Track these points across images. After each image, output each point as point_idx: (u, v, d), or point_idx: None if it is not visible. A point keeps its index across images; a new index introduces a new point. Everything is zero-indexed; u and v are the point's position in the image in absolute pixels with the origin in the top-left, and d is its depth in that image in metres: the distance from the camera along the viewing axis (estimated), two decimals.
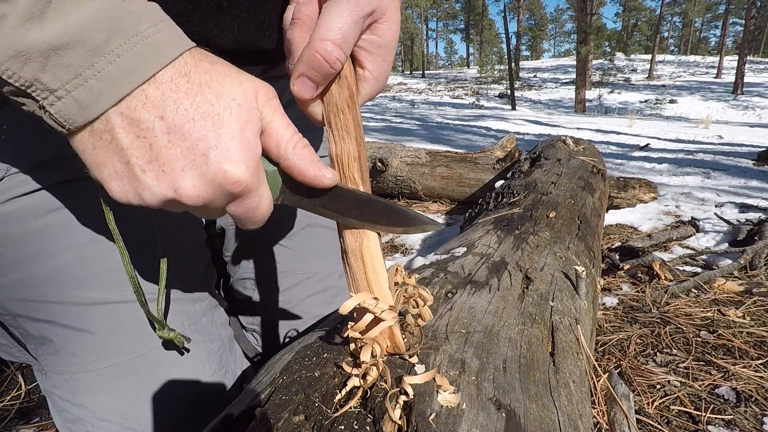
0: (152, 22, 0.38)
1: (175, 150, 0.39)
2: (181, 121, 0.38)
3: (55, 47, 0.34)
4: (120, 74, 0.36)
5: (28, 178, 0.55)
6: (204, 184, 0.40)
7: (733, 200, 3.01)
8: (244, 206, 0.44)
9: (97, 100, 0.36)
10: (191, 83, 0.39)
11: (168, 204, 0.42)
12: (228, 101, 0.40)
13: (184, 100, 0.39)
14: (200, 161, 0.39)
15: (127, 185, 0.40)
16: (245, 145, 0.41)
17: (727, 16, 32.11)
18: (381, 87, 0.54)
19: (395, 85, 29.10)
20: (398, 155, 3.06)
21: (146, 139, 0.38)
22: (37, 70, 0.35)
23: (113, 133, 0.38)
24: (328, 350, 0.52)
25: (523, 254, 0.99)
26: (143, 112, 0.38)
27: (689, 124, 10.30)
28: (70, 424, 0.63)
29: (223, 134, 0.40)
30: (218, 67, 0.42)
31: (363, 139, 0.52)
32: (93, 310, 0.59)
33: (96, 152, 0.39)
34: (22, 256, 0.55)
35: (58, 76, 0.35)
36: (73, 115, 0.37)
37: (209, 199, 0.41)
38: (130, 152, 0.38)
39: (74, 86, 0.36)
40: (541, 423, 0.49)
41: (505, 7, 19.61)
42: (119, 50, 0.36)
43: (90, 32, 0.35)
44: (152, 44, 0.38)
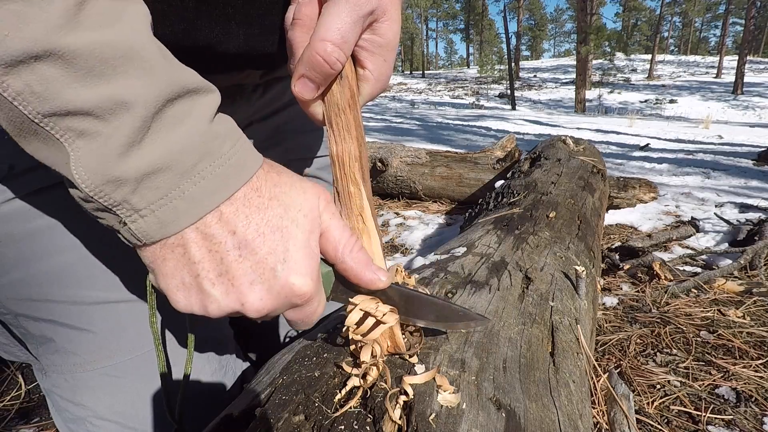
0: (233, 141, 0.40)
1: (245, 264, 0.39)
2: (253, 236, 0.39)
3: (149, 173, 0.35)
4: (203, 195, 0.38)
5: (31, 178, 0.55)
6: (271, 297, 0.41)
7: (733, 200, 3.01)
8: (303, 312, 0.45)
9: (178, 219, 0.37)
10: (262, 197, 0.40)
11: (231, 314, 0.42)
12: (295, 212, 0.42)
13: (255, 215, 0.40)
14: (269, 275, 0.40)
15: (193, 297, 0.41)
16: (310, 255, 0.42)
17: (727, 16, 32.10)
18: (382, 87, 0.54)
19: (395, 85, 29.09)
20: (398, 155, 3.06)
21: (218, 254, 0.39)
22: (128, 193, 0.35)
23: (186, 247, 0.39)
24: (328, 350, 0.53)
25: (523, 254, 0.99)
26: (217, 228, 0.39)
27: (689, 124, 10.30)
28: (71, 423, 0.63)
29: (290, 247, 0.41)
30: (284, 177, 0.43)
31: (364, 139, 0.52)
32: (94, 310, 0.59)
33: (165, 264, 0.40)
34: (23, 255, 0.55)
35: (146, 197, 0.36)
36: (152, 232, 0.37)
37: (273, 310, 0.42)
38: (201, 266, 0.39)
39: (159, 206, 0.37)
40: (541, 423, 0.49)
41: (505, 7, 19.61)
42: (204, 172, 0.38)
43: (182, 156, 0.36)
44: (234, 165, 0.39)
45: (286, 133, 0.83)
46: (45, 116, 0.33)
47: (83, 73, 0.32)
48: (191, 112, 0.37)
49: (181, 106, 0.37)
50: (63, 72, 0.32)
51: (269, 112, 0.80)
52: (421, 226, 2.60)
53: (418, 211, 2.91)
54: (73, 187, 0.36)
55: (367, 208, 0.51)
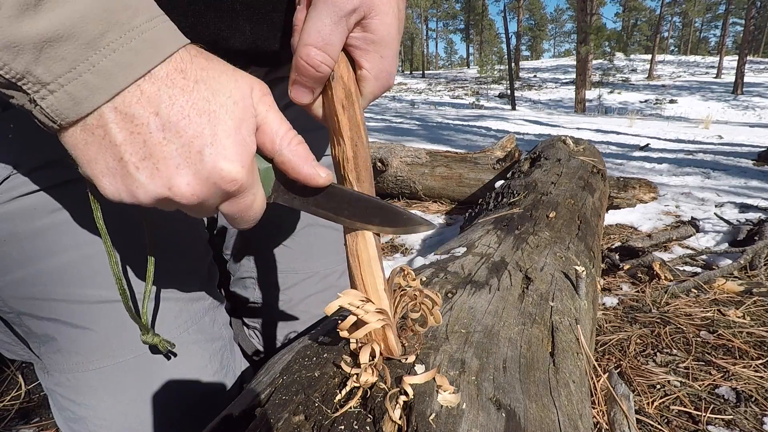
0: (148, 16, 0.37)
1: (170, 147, 0.38)
2: (177, 117, 0.38)
3: (49, 39, 0.33)
4: (115, 69, 0.36)
5: (34, 177, 0.55)
6: (199, 182, 0.39)
7: (733, 200, 3.01)
8: (238, 205, 0.43)
9: (92, 95, 0.35)
10: (187, 79, 0.38)
11: (161, 203, 0.41)
12: (224, 98, 0.40)
13: (179, 97, 0.38)
14: (195, 159, 0.38)
15: (119, 183, 0.39)
16: (241, 142, 0.40)
17: (727, 16, 32.10)
18: (384, 84, 0.53)
19: (395, 85, 29.08)
20: (398, 155, 3.06)
21: (140, 135, 0.37)
22: (30, 63, 0.33)
23: (107, 128, 0.37)
24: (328, 350, 0.53)
25: (523, 254, 0.99)
26: (138, 108, 0.37)
27: (689, 124, 10.30)
28: (72, 423, 0.63)
29: (219, 132, 0.39)
30: (214, 64, 0.41)
31: (361, 139, 0.51)
32: (96, 309, 0.59)
33: (88, 148, 0.38)
34: (26, 254, 0.56)
35: (51, 69, 0.34)
36: (65, 110, 0.36)
37: (204, 198, 0.40)
38: (124, 149, 0.37)
39: (68, 80, 0.35)
40: (541, 423, 0.49)
41: (505, 7, 19.60)
42: (115, 44, 0.35)
43: (85, 24, 0.34)
44: (148, 39, 0.37)
45: None
46: None
47: None
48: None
49: None
50: None
51: None
52: None
53: (418, 211, 2.91)
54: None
55: None
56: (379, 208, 0.48)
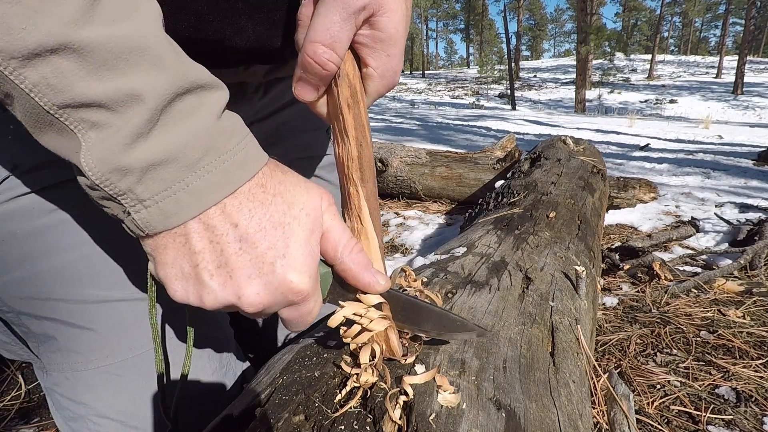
0: (240, 138, 0.40)
1: (244, 258, 0.40)
2: (254, 230, 0.40)
3: (154, 164, 0.36)
4: (207, 188, 0.38)
5: (33, 177, 0.55)
6: (267, 292, 0.41)
7: (733, 200, 3.01)
8: (299, 311, 0.45)
9: (181, 211, 0.38)
10: (266, 193, 0.41)
11: (227, 308, 0.42)
12: (298, 211, 0.42)
13: (258, 210, 0.40)
14: (267, 270, 0.40)
15: (190, 287, 0.41)
16: (310, 253, 0.42)
17: (727, 16, 32.10)
18: (389, 83, 0.53)
19: None
20: (398, 155, 3.06)
21: (219, 245, 0.39)
22: (134, 183, 0.36)
23: (188, 237, 0.39)
24: (328, 350, 0.53)
25: (523, 254, 0.99)
26: (219, 220, 0.39)
27: (689, 124, 10.30)
28: (71, 422, 0.63)
29: (291, 244, 0.41)
30: (290, 177, 0.43)
31: (366, 139, 0.51)
32: (96, 308, 0.59)
33: (166, 252, 0.40)
34: (25, 253, 0.56)
35: (150, 188, 0.36)
36: (155, 223, 0.38)
37: (269, 306, 0.42)
38: (202, 256, 0.39)
39: (162, 198, 0.37)
40: (541, 423, 0.49)
41: (505, 7, 19.60)
42: (210, 166, 0.38)
43: (188, 150, 0.37)
44: (239, 160, 0.39)
45: (286, 132, 0.83)
46: (60, 108, 0.33)
47: (96, 66, 0.33)
48: (199, 107, 0.38)
49: (190, 101, 0.37)
50: (77, 65, 0.33)
51: (270, 112, 0.80)
52: (421, 226, 2.60)
53: (418, 211, 2.91)
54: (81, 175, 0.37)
55: (365, 209, 0.51)
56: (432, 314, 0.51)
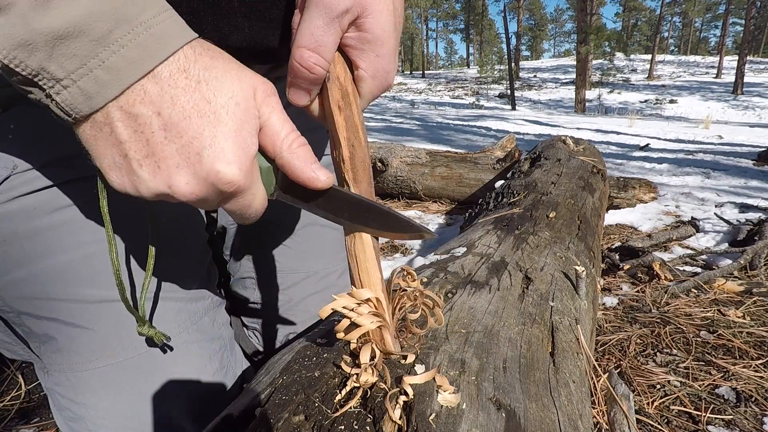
0: (156, 11, 0.38)
1: (170, 147, 0.39)
2: (178, 118, 0.38)
3: (60, 36, 0.34)
4: (123, 65, 0.36)
5: (34, 177, 0.55)
6: (197, 182, 0.40)
7: (733, 200, 3.01)
8: (238, 204, 0.44)
9: (102, 90, 0.37)
10: (189, 79, 0.39)
11: (163, 198, 0.42)
12: (226, 99, 0.40)
13: (181, 97, 0.38)
14: (194, 160, 0.39)
15: (124, 177, 0.41)
16: (240, 144, 0.41)
17: (727, 16, 32.10)
18: (382, 84, 0.53)
19: (395, 85, 29.09)
20: (398, 155, 3.06)
21: (143, 134, 0.39)
22: (44, 60, 0.35)
23: (113, 126, 0.38)
24: (328, 350, 0.53)
25: (523, 254, 0.99)
26: (141, 107, 0.38)
27: (689, 124, 10.30)
28: (72, 422, 0.63)
29: (218, 133, 0.40)
30: (218, 62, 0.41)
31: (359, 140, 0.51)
32: (96, 308, 0.59)
33: (97, 143, 0.40)
34: (26, 253, 0.56)
35: (64, 65, 0.35)
36: (78, 104, 0.37)
37: (202, 197, 0.42)
38: (128, 146, 0.39)
39: (79, 76, 0.36)
40: (541, 423, 0.49)
41: (505, 7, 19.61)
42: (123, 40, 0.36)
43: (95, 21, 0.35)
44: (154, 35, 0.37)
45: None
46: None
47: None
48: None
49: None
50: None
51: None
52: None
53: (418, 211, 2.91)
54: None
55: None
56: (379, 212, 0.48)
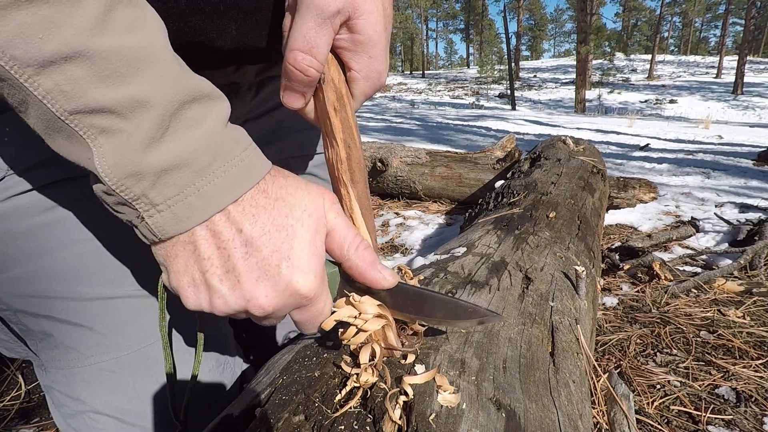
0: (245, 146, 0.42)
1: (250, 261, 0.41)
2: (258, 233, 0.41)
3: (167, 168, 0.37)
4: (216, 192, 0.39)
5: (28, 177, 0.55)
6: (276, 294, 0.42)
7: (733, 200, 3.01)
8: (309, 313, 0.45)
9: (192, 215, 0.39)
10: (268, 198, 0.42)
11: (237, 313, 0.43)
12: (300, 213, 0.43)
13: (261, 215, 0.41)
14: (273, 272, 0.41)
15: (201, 294, 0.42)
16: (315, 253, 0.43)
17: (727, 16, 32.11)
18: (375, 85, 0.54)
19: (395, 85, 29.10)
20: (398, 155, 3.06)
21: (226, 251, 0.41)
22: (147, 188, 0.37)
23: (196, 244, 0.41)
24: (328, 350, 0.53)
25: (523, 254, 0.99)
26: (225, 226, 0.41)
27: (689, 124, 10.30)
28: (69, 419, 0.63)
29: (295, 245, 0.42)
30: (290, 180, 0.45)
31: (355, 141, 0.52)
32: (92, 306, 0.59)
33: (177, 260, 0.42)
34: (22, 252, 0.56)
35: (163, 192, 0.38)
36: (168, 227, 0.39)
37: (279, 308, 0.43)
38: (210, 262, 0.41)
39: (175, 202, 0.39)
40: (541, 423, 0.49)
41: (505, 7, 19.61)
42: (219, 171, 0.39)
43: (199, 155, 0.39)
44: (245, 166, 0.41)
45: (280, 131, 0.84)
46: (71, 114, 0.35)
47: (107, 74, 0.35)
48: (207, 115, 0.40)
49: (197, 109, 0.39)
50: (89, 72, 0.34)
51: (263, 111, 0.81)
52: (421, 226, 2.60)
53: (418, 211, 2.91)
54: (97, 182, 0.38)
55: (357, 209, 0.51)
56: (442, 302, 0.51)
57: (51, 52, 0.32)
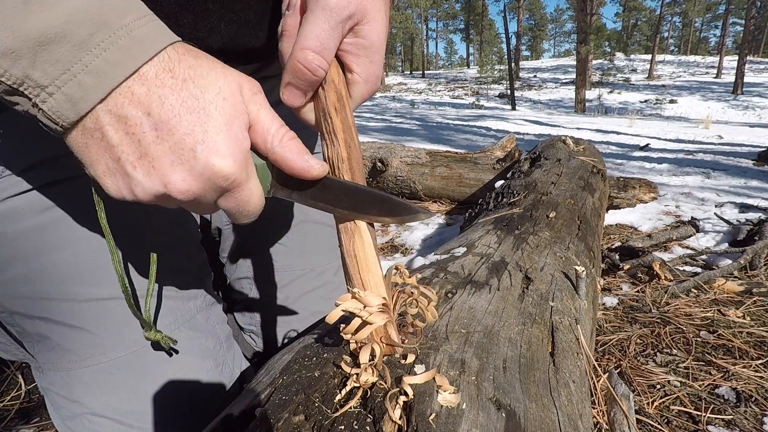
0: (136, 16, 0.38)
1: (163, 146, 0.39)
2: (168, 116, 0.39)
3: (42, 42, 0.35)
4: (107, 67, 0.37)
5: (23, 178, 0.55)
6: (193, 178, 0.40)
7: (733, 200, 3.01)
8: (235, 200, 0.44)
9: (87, 94, 0.37)
10: (176, 78, 0.39)
11: (160, 199, 0.42)
12: (213, 95, 0.41)
13: (169, 96, 0.39)
14: (188, 156, 0.40)
15: (120, 181, 0.41)
16: (232, 138, 0.41)
17: (727, 16, 32.10)
18: (373, 88, 0.55)
19: (395, 85, 29.11)
20: (398, 155, 3.06)
21: (135, 136, 0.39)
22: (27, 67, 0.35)
23: (103, 131, 0.39)
24: (328, 350, 0.52)
25: (523, 254, 0.99)
26: (130, 109, 0.38)
27: (689, 124, 10.30)
28: (68, 421, 0.63)
29: (209, 128, 0.40)
30: (202, 61, 0.42)
31: (354, 141, 0.52)
32: (87, 307, 0.59)
33: (89, 150, 0.40)
34: (16, 253, 0.56)
35: (48, 72, 0.35)
36: (64, 111, 0.37)
37: (199, 194, 0.42)
38: (120, 149, 0.39)
39: (63, 81, 0.36)
40: (541, 423, 0.49)
41: (505, 7, 19.61)
42: (105, 44, 0.37)
43: (75, 26, 0.35)
44: (136, 37, 0.38)
45: None
46: None
47: None
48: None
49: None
50: None
51: None
52: (421, 226, 2.60)
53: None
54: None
55: None
56: (377, 197, 0.49)
57: None
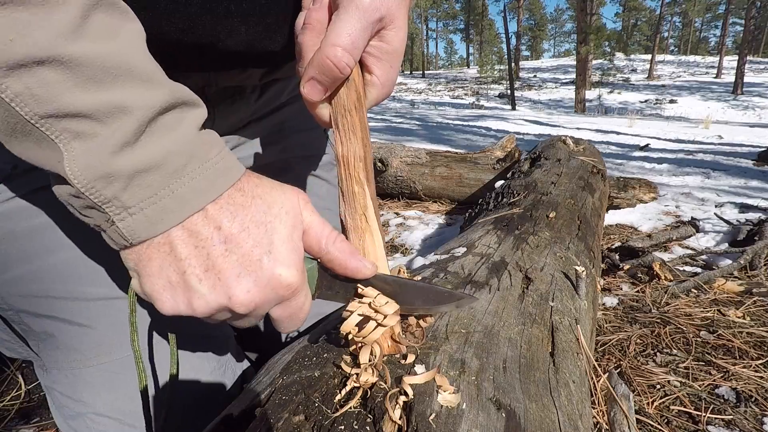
0: (219, 149, 0.42)
1: (231, 258, 0.40)
2: (237, 230, 0.41)
3: (140, 171, 0.37)
4: (191, 194, 0.39)
5: (32, 177, 0.55)
6: (258, 289, 0.42)
7: (733, 200, 3.01)
8: (290, 308, 0.46)
9: (166, 217, 0.39)
10: (245, 196, 0.42)
11: (217, 312, 0.43)
12: (278, 209, 0.44)
13: (239, 212, 0.41)
14: (255, 267, 0.41)
15: (179, 295, 0.41)
16: (294, 248, 0.43)
17: (727, 16, 32.10)
18: (388, 92, 0.56)
19: (395, 85, 29.01)
20: (398, 155, 3.06)
21: (204, 249, 0.40)
22: (119, 190, 0.37)
23: (173, 245, 0.40)
24: (328, 350, 0.53)
25: (523, 254, 0.99)
26: (203, 225, 0.40)
27: (689, 124, 10.29)
28: (70, 420, 0.63)
29: (275, 240, 0.42)
30: (264, 181, 0.45)
31: (368, 141, 0.53)
32: (94, 306, 0.59)
33: (151, 264, 0.41)
34: (25, 252, 0.56)
35: (136, 194, 0.38)
36: (140, 230, 0.39)
37: (260, 304, 0.43)
38: (188, 262, 0.40)
39: (148, 204, 0.38)
40: (541, 423, 0.49)
41: (505, 7, 19.61)
42: (194, 173, 0.39)
43: (173, 158, 0.38)
44: (220, 168, 0.41)
45: (283, 131, 0.84)
46: (42, 117, 0.34)
47: (84, 79, 0.34)
48: (182, 120, 0.40)
49: (174, 115, 0.39)
50: (64, 77, 0.33)
51: (267, 112, 0.81)
52: (421, 226, 2.60)
53: (418, 211, 2.91)
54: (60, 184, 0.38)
55: (371, 207, 0.52)
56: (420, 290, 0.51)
57: (21, 55, 0.32)
